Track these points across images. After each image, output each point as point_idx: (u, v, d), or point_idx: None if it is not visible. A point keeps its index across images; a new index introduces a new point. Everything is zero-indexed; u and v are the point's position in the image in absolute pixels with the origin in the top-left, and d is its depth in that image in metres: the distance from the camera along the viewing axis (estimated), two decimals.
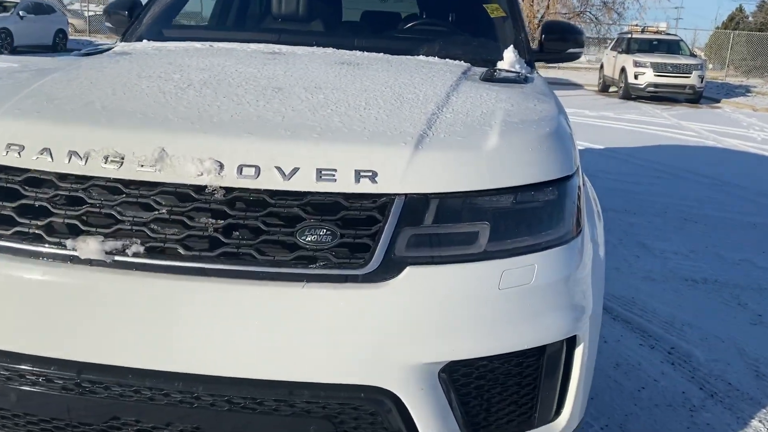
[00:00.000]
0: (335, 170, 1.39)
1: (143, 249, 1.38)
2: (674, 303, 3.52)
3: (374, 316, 1.37)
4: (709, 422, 2.43)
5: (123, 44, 2.53)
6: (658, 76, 16.17)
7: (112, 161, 1.41)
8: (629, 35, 18.69)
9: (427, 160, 1.43)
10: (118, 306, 1.37)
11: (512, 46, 2.49)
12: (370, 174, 1.40)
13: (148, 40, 2.53)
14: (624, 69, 16.71)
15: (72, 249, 1.38)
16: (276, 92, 1.68)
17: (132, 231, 1.39)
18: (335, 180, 1.39)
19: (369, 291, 1.37)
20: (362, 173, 1.40)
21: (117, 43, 2.58)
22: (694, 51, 21.14)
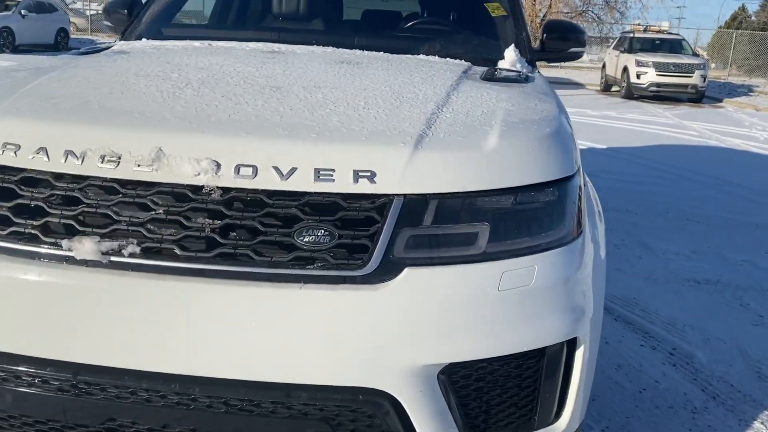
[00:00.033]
0: (333, 170, 1.38)
1: (139, 249, 1.36)
2: (676, 304, 3.51)
3: (372, 318, 1.36)
4: (711, 424, 2.42)
5: (121, 43, 2.52)
6: (661, 76, 16.15)
7: (109, 161, 1.40)
8: (631, 34, 18.66)
9: (427, 160, 1.42)
10: (115, 307, 1.36)
11: (513, 45, 2.48)
12: (369, 174, 1.38)
13: (147, 39, 2.52)
14: (626, 68, 16.68)
15: (68, 249, 1.37)
16: (274, 91, 1.67)
17: (128, 231, 1.38)
18: (333, 180, 1.37)
19: (367, 292, 1.35)
20: (361, 173, 1.38)
21: (115, 42, 2.57)
22: (697, 50, 21.12)
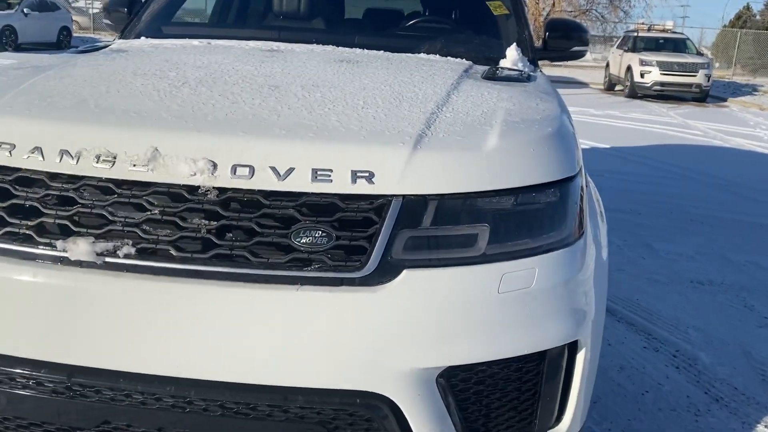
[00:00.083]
0: (331, 170, 1.36)
1: (134, 250, 1.35)
2: (679, 305, 3.48)
3: (370, 320, 1.34)
4: (714, 427, 2.40)
5: (120, 41, 2.50)
6: (665, 75, 16.10)
7: (104, 161, 1.38)
8: (635, 33, 18.62)
9: (426, 161, 1.40)
10: (109, 308, 1.34)
11: (515, 44, 2.46)
12: (367, 174, 1.36)
13: (147, 38, 2.50)
14: (630, 67, 16.63)
15: (62, 250, 1.35)
16: (272, 90, 1.65)
17: (123, 232, 1.36)
18: (331, 180, 1.36)
19: (365, 294, 1.33)
20: (359, 174, 1.36)
21: (114, 40, 2.55)
22: (701, 49, 21.07)
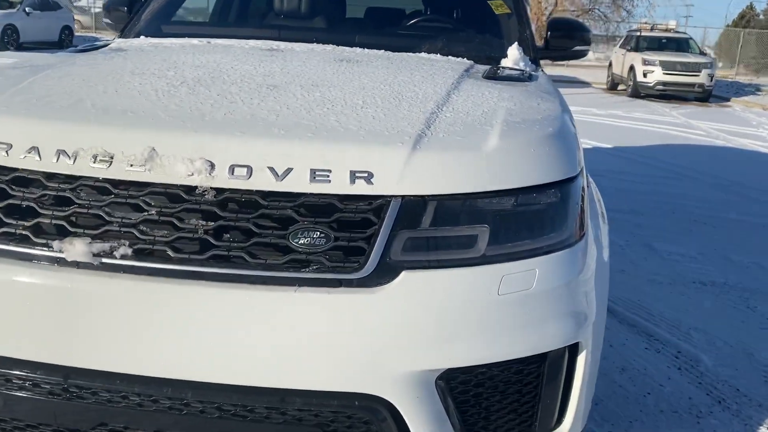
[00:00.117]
0: (330, 171, 1.35)
1: (131, 251, 1.34)
2: (681, 306, 3.46)
3: (369, 322, 1.33)
4: (716, 429, 2.38)
5: (119, 40, 2.49)
6: (667, 75, 16.06)
7: (101, 161, 1.37)
8: (638, 33, 18.57)
9: (425, 161, 1.39)
10: (106, 310, 1.33)
11: (517, 44, 2.45)
12: (366, 175, 1.35)
13: (146, 37, 2.49)
14: (633, 67, 16.59)
15: (59, 251, 1.34)
16: (271, 90, 1.64)
17: (120, 232, 1.35)
18: (329, 181, 1.34)
19: (363, 296, 1.32)
20: (357, 174, 1.35)
21: (113, 40, 2.54)
22: (704, 49, 20.99)
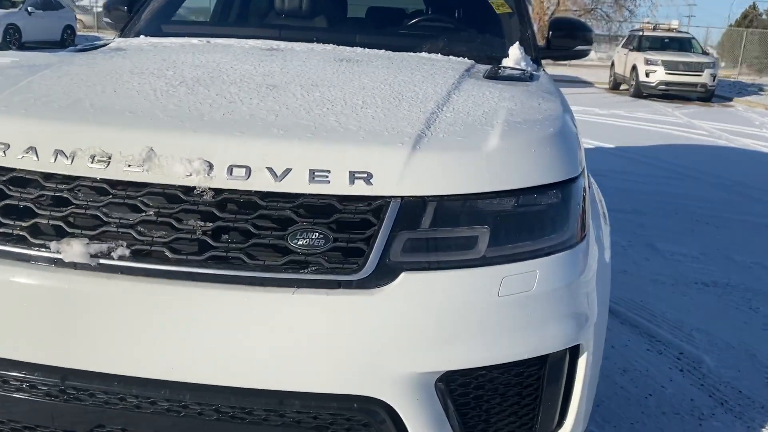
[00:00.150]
0: (329, 171, 1.34)
1: (129, 252, 1.33)
2: (683, 307, 3.45)
3: (368, 324, 1.32)
4: (719, 431, 2.36)
5: (119, 40, 2.48)
6: (670, 74, 16.02)
7: (99, 161, 1.36)
8: (641, 33, 18.53)
9: (425, 162, 1.38)
10: (103, 311, 1.32)
11: (518, 43, 2.43)
12: (365, 175, 1.34)
13: (146, 36, 2.48)
14: (635, 67, 16.56)
15: (56, 251, 1.34)
16: (270, 90, 1.63)
17: (118, 233, 1.35)
18: (329, 181, 1.33)
19: (363, 297, 1.31)
20: (357, 174, 1.34)
21: (113, 39, 2.54)
22: (707, 49, 20.96)
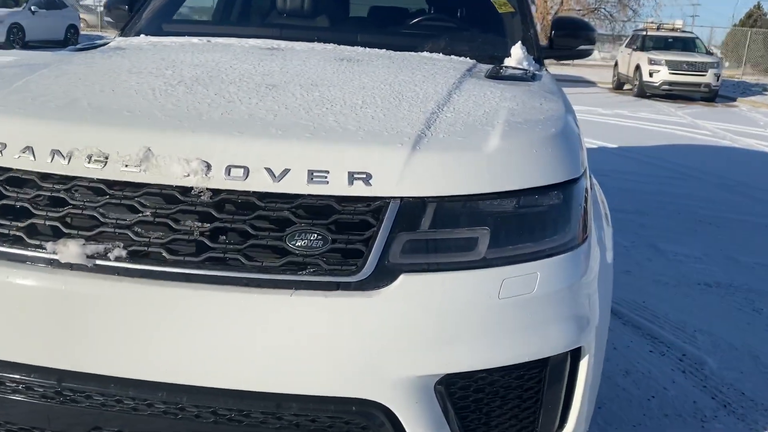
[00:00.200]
0: (327, 172, 1.33)
1: (126, 253, 1.32)
2: (686, 308, 3.43)
3: (367, 326, 1.30)
4: None
5: (119, 39, 2.47)
6: (674, 74, 15.99)
7: (96, 161, 1.35)
8: (644, 32, 18.50)
9: (425, 162, 1.36)
10: (100, 312, 1.31)
11: (520, 43, 2.42)
12: (364, 176, 1.33)
13: (147, 35, 2.47)
14: (639, 66, 16.52)
15: (52, 252, 1.33)
16: (270, 90, 1.62)
17: (115, 234, 1.34)
18: (327, 182, 1.32)
19: (361, 299, 1.30)
20: (356, 175, 1.33)
21: (113, 38, 2.53)
22: (710, 49, 20.91)
